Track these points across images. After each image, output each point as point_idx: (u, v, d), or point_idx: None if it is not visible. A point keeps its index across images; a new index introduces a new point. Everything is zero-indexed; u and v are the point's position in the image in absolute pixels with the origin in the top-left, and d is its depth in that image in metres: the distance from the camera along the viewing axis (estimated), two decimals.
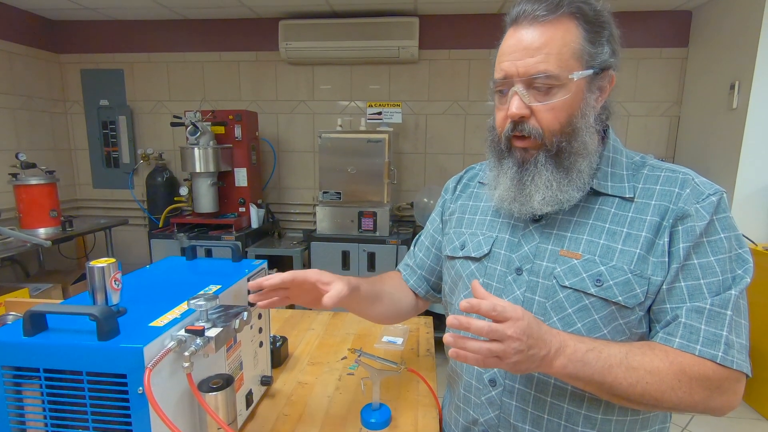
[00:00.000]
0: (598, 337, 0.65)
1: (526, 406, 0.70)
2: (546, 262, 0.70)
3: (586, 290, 0.65)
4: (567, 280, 0.67)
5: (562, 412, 0.68)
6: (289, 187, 3.21)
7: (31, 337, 0.53)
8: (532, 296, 0.70)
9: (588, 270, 0.66)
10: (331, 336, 1.19)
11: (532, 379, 0.68)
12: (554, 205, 0.68)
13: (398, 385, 0.94)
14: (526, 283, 0.71)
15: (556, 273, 0.68)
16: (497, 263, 0.75)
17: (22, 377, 0.54)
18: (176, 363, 0.58)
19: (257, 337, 0.86)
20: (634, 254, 0.65)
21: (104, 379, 0.52)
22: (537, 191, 0.67)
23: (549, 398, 0.68)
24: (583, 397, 0.67)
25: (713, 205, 0.64)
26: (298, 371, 1.01)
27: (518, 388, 0.70)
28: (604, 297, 0.64)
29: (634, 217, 0.67)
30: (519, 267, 0.72)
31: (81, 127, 3.23)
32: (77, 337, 0.54)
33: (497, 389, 0.72)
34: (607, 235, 0.67)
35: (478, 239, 0.78)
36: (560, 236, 0.70)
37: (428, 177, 3.07)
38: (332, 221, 2.66)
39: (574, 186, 0.68)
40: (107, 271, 0.58)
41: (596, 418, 0.67)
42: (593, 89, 0.67)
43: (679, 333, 0.62)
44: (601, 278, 0.65)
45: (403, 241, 2.57)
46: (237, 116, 2.71)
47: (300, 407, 0.87)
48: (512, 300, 0.71)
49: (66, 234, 2.45)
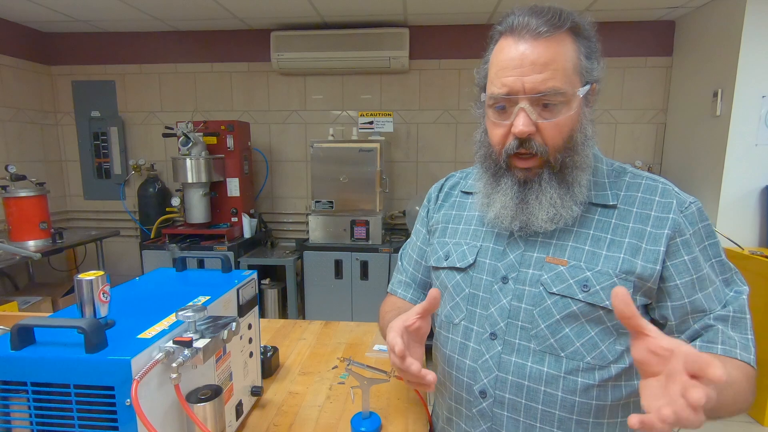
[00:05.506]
0: (587, 340, 0.67)
1: (517, 415, 0.69)
2: (532, 270, 0.69)
3: (574, 296, 0.66)
4: (554, 286, 0.67)
5: (554, 419, 0.68)
6: (281, 196, 3.21)
7: (19, 351, 0.54)
8: (518, 304, 0.70)
9: (575, 276, 0.66)
10: (322, 345, 1.20)
11: (522, 387, 0.69)
12: (558, 222, 0.68)
13: (388, 393, 0.95)
14: (512, 292, 0.70)
15: (543, 280, 0.68)
16: (483, 273, 0.74)
17: (9, 391, 0.54)
18: (164, 374, 0.58)
19: (247, 347, 0.86)
20: (619, 259, 0.66)
21: (92, 391, 0.53)
22: (542, 210, 0.67)
23: (540, 406, 0.68)
24: (573, 403, 0.67)
25: (697, 214, 0.67)
26: (289, 381, 1.01)
27: (509, 398, 0.69)
28: (592, 302, 0.65)
29: (617, 224, 0.68)
30: (505, 276, 0.71)
31: (72, 138, 3.22)
32: (65, 350, 0.54)
33: (488, 401, 0.71)
34: (591, 241, 0.68)
35: (462, 249, 0.78)
36: (545, 243, 0.70)
37: (420, 185, 3.09)
38: (325, 230, 2.67)
39: (575, 200, 0.68)
40: (95, 284, 0.58)
41: (588, 422, 0.68)
42: (588, 102, 0.68)
43: (719, 340, 0.64)
44: (588, 284, 0.65)
45: (395, 249, 2.58)
46: (229, 126, 2.72)
47: (290, 417, 0.87)
48: (499, 309, 0.71)
49: (56, 246, 2.44)
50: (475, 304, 0.74)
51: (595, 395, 0.67)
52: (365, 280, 2.62)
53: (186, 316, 0.58)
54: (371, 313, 2.61)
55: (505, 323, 0.70)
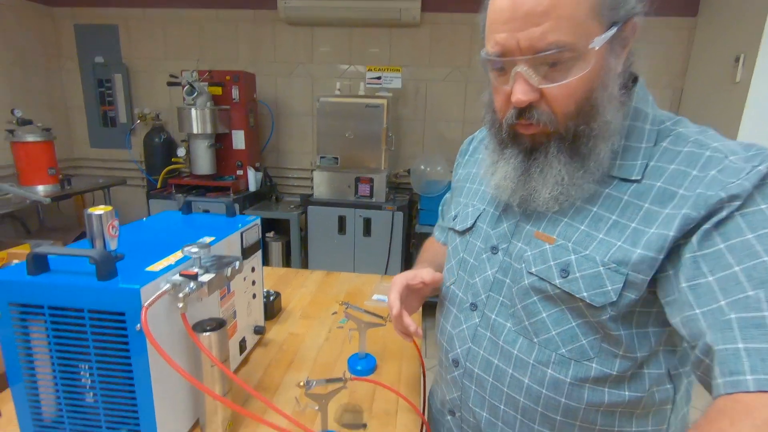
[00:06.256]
0: (565, 330, 0.58)
1: (483, 392, 0.65)
2: (521, 243, 0.62)
3: (551, 280, 0.57)
4: (534, 266, 0.59)
5: (518, 405, 0.62)
6: (287, 151, 3.20)
7: (35, 276, 0.57)
8: (503, 278, 0.64)
9: (557, 257, 0.57)
10: (323, 293, 1.24)
11: (491, 366, 0.63)
12: (563, 202, 0.57)
13: (384, 338, 1.00)
14: (499, 264, 0.64)
15: (525, 257, 0.60)
16: (478, 239, 0.69)
17: (28, 314, 0.58)
18: (171, 306, 0.62)
19: (251, 288, 0.90)
20: (614, 246, 0.54)
21: (104, 316, 0.56)
22: (545, 187, 0.57)
23: (506, 389, 0.62)
24: (539, 395, 0.60)
25: (751, 185, 0.46)
26: (290, 323, 1.06)
27: (477, 373, 0.65)
28: (568, 290, 0.56)
29: (629, 202, 0.55)
30: (495, 245, 0.65)
31: (76, 84, 3.19)
32: (78, 277, 0.57)
33: (459, 370, 0.68)
34: (591, 220, 0.57)
35: (467, 211, 0.73)
36: (541, 215, 0.61)
37: (427, 144, 3.06)
38: (329, 186, 2.68)
39: (589, 177, 0.56)
40: (105, 218, 0.61)
41: (554, 419, 0.60)
42: (616, 49, 0.53)
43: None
44: (568, 269, 0.56)
45: (399, 208, 2.60)
46: (234, 77, 2.68)
47: (290, 355, 0.92)
48: (482, 280, 0.66)
49: (65, 192, 2.47)
50: (465, 270, 0.70)
51: (566, 392, 0.58)
52: (368, 236, 2.66)
53: (191, 251, 0.60)
54: (373, 269, 2.67)
55: (486, 296, 0.65)
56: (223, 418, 0.66)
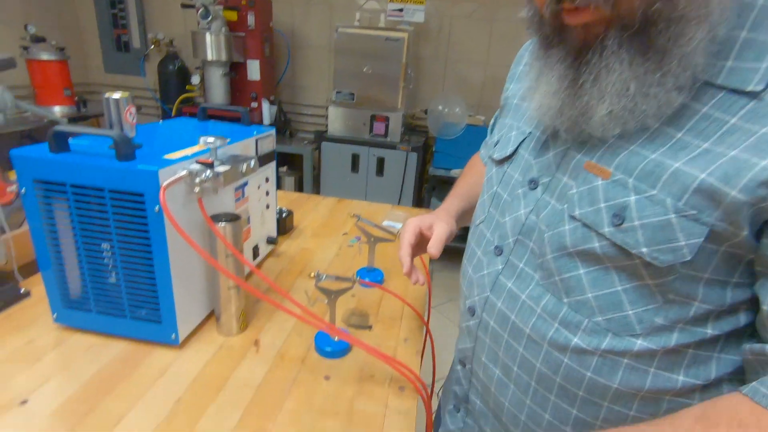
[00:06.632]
0: (606, 294, 0.44)
1: (497, 349, 0.56)
2: (567, 178, 0.48)
3: (598, 228, 0.43)
4: (578, 207, 0.45)
5: (533, 371, 0.51)
6: (302, 86, 3.13)
7: (57, 154, 0.58)
8: (535, 220, 0.51)
9: (610, 198, 0.42)
10: (334, 217, 1.26)
11: (508, 321, 0.53)
12: (628, 122, 0.42)
13: (393, 255, 1.02)
14: (535, 202, 0.52)
15: (570, 195, 0.46)
16: (516, 169, 0.56)
17: (52, 191, 0.60)
18: (188, 197, 0.63)
19: (264, 198, 0.91)
20: (698, 181, 0.37)
21: (124, 196, 0.58)
22: (601, 101, 0.41)
23: (521, 349, 0.52)
24: (559, 363, 0.48)
25: None
26: (302, 240, 1.08)
27: (492, 327, 0.56)
28: (620, 243, 0.42)
29: (737, 126, 0.37)
30: (535, 178, 0.52)
31: (89, 5, 3.09)
32: (98, 158, 0.58)
33: (474, 320, 0.59)
34: (670, 149, 0.40)
35: (510, 135, 0.60)
36: (598, 142, 0.45)
37: (447, 86, 2.96)
38: (344, 123, 2.64)
39: (671, 83, 0.39)
40: (122, 103, 0.61)
41: (575, 394, 0.49)
42: None
43: None
44: (624, 214, 0.41)
45: (413, 149, 2.56)
46: (250, 1, 2.56)
47: (301, 265, 0.95)
48: (513, 220, 0.54)
49: (81, 114, 2.48)
50: (497, 207, 0.59)
51: (593, 367, 0.46)
52: (380, 176, 2.65)
53: (208, 141, 0.61)
54: None
55: (514, 239, 0.54)
56: (236, 308, 0.70)
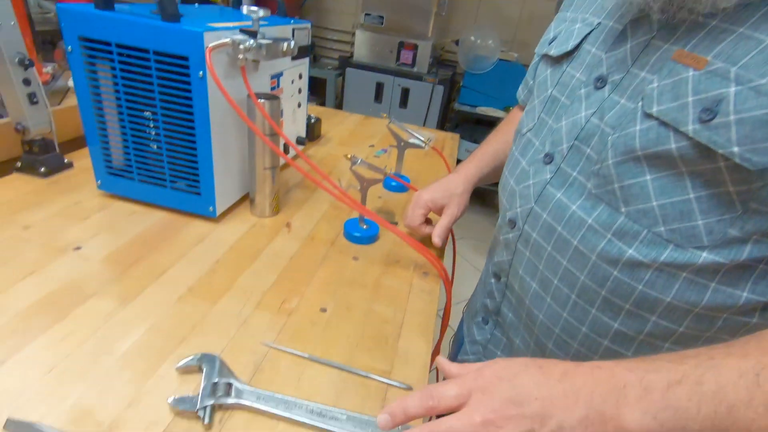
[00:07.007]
0: (674, 202, 0.39)
1: (538, 262, 0.52)
2: (646, 72, 0.41)
3: (680, 125, 0.37)
4: (657, 104, 0.39)
5: (576, 283, 0.48)
6: (328, 9, 2.99)
7: (102, 11, 0.58)
8: (597, 123, 0.45)
9: (703, 90, 0.36)
10: (359, 132, 1.25)
11: (553, 233, 0.49)
12: None
13: (421, 163, 1.02)
14: (599, 102, 0.45)
15: (648, 90, 0.40)
16: (579, 68, 0.49)
17: (97, 50, 0.60)
18: (230, 70, 0.63)
19: (297, 96, 0.91)
20: None
21: (169, 59, 0.58)
22: None
23: (565, 262, 0.48)
24: (608, 275, 0.45)
25: None
26: (329, 147, 1.09)
27: (535, 239, 0.52)
28: (706, 141, 0.36)
29: None
30: (602, 76, 0.45)
31: None
32: (144, 18, 0.58)
33: (515, 232, 0.56)
34: None
35: (573, 29, 0.52)
36: (694, 26, 0.38)
37: (481, 17, 2.81)
38: (371, 49, 2.55)
39: None
40: None
41: (621, 307, 0.46)
42: None
43: None
44: (717, 108, 0.35)
45: (440, 81, 2.48)
46: None
47: (329, 167, 0.97)
48: (569, 124, 0.48)
49: None
50: (551, 112, 0.53)
51: (645, 279, 0.42)
52: (404, 108, 2.60)
53: (252, 10, 0.60)
54: None
55: (569, 145, 0.48)
56: (270, 190, 0.72)
